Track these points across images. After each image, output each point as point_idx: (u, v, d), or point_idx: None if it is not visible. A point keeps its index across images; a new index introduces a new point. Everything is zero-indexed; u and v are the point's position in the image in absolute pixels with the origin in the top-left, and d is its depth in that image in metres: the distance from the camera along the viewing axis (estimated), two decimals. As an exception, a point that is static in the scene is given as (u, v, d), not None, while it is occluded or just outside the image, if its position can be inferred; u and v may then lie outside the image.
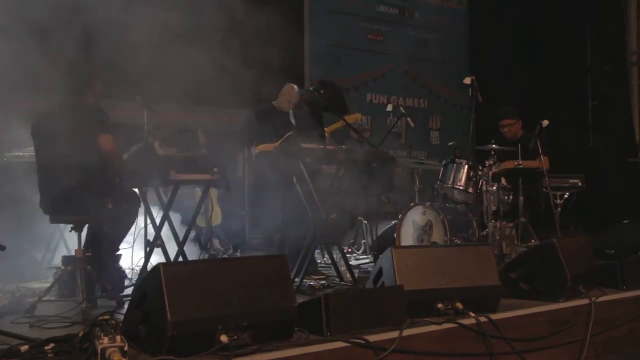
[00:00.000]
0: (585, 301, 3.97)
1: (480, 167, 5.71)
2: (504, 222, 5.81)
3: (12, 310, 3.71)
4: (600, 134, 10.47)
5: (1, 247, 3.73)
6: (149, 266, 4.45)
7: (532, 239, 6.02)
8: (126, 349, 2.51)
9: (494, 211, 5.76)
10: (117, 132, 4.30)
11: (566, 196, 6.19)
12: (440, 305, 3.49)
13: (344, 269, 5.00)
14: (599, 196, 8.54)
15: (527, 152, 5.82)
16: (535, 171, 5.96)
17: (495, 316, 3.52)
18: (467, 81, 5.36)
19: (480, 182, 5.68)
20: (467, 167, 5.87)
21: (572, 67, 10.34)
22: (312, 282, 4.78)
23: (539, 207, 6.13)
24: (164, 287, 2.65)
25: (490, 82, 6.82)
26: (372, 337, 3.00)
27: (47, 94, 4.59)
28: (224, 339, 2.72)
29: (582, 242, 4.49)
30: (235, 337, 2.76)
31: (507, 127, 6.50)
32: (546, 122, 5.77)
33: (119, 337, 2.51)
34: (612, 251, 5.70)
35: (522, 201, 5.88)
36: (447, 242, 5.67)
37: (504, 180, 6.02)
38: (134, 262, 5.15)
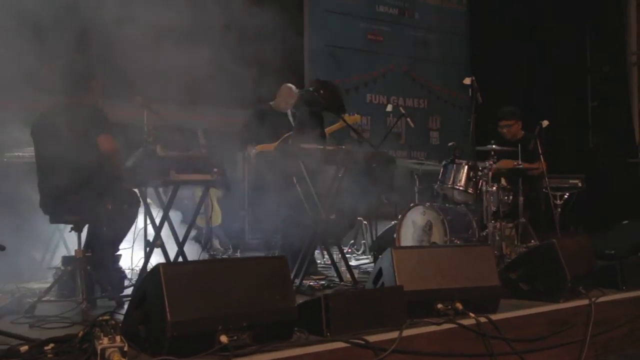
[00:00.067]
0: (585, 302, 3.97)
1: (480, 168, 5.70)
2: (503, 223, 5.80)
3: (12, 310, 3.70)
4: (600, 134, 10.48)
5: (1, 247, 3.73)
6: (149, 266, 4.44)
7: (532, 240, 6.02)
8: (126, 349, 2.51)
9: (494, 211, 5.76)
10: (117, 132, 4.30)
11: (566, 196, 6.19)
12: (440, 305, 3.49)
13: (343, 269, 5.00)
14: (598, 197, 8.56)
15: (527, 152, 5.82)
16: (533, 174, 5.97)
17: (495, 317, 3.53)
18: (467, 81, 5.36)
19: (480, 183, 5.68)
20: (467, 167, 5.87)
21: (572, 67, 10.35)
22: (311, 283, 4.78)
23: (539, 208, 6.13)
24: (163, 287, 2.65)
25: (490, 82, 6.81)
26: (372, 338, 3.01)
27: (47, 94, 4.58)
28: (223, 339, 2.72)
29: (582, 242, 4.49)
30: (235, 338, 2.76)
31: (506, 127, 6.51)
32: (546, 123, 5.77)
33: (118, 338, 2.51)
34: (612, 251, 5.70)
35: (522, 201, 5.88)
36: (447, 242, 5.67)
37: (503, 180, 6.03)
38: (133, 262, 5.14)
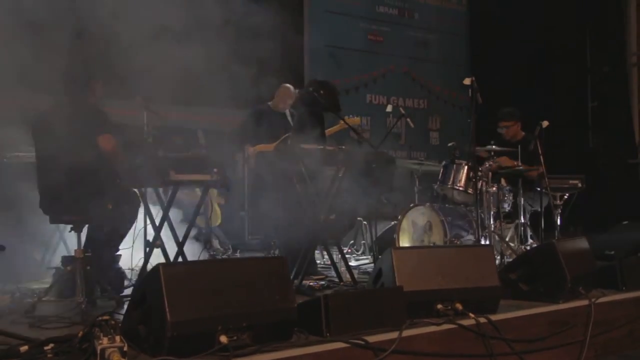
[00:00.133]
0: (585, 302, 3.97)
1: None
2: (503, 223, 5.81)
3: (12, 310, 3.70)
4: (600, 135, 10.48)
5: (1, 247, 3.73)
6: (149, 266, 4.44)
7: (532, 240, 6.03)
8: (126, 349, 2.51)
9: (494, 212, 5.76)
10: (117, 132, 4.30)
11: (566, 197, 6.19)
12: (439, 306, 3.50)
13: (343, 269, 5.00)
14: (598, 197, 8.55)
15: (527, 153, 5.82)
16: (532, 177, 5.97)
17: (494, 317, 3.53)
18: (467, 82, 5.34)
19: (480, 183, 5.68)
20: (466, 167, 5.87)
21: (572, 67, 10.35)
22: (311, 283, 4.78)
23: (539, 208, 6.13)
24: (163, 287, 2.65)
25: (490, 82, 6.81)
26: (372, 338, 3.01)
27: (47, 94, 4.58)
28: (223, 339, 2.72)
29: (582, 243, 4.49)
30: (234, 338, 2.76)
31: (505, 128, 6.51)
32: (546, 123, 5.77)
33: (118, 338, 2.52)
34: (612, 252, 5.70)
35: (522, 202, 5.88)
36: (447, 243, 5.67)
37: (503, 181, 6.03)
38: (133, 263, 5.14)
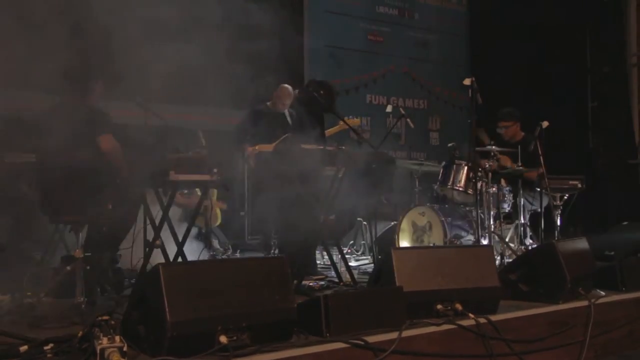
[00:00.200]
0: (584, 303, 3.98)
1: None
2: (503, 223, 5.81)
3: (12, 310, 3.70)
4: (600, 135, 10.47)
5: (1, 247, 3.73)
6: (149, 266, 4.44)
7: (532, 241, 6.03)
8: (125, 349, 2.51)
9: (494, 212, 5.76)
10: (117, 132, 4.30)
11: (566, 197, 6.19)
12: (439, 306, 3.50)
13: (343, 269, 5.00)
14: (598, 198, 8.55)
15: (527, 154, 5.82)
16: (532, 178, 5.97)
17: (494, 317, 3.53)
18: (467, 82, 5.34)
19: (479, 184, 5.68)
20: (466, 168, 5.86)
21: (572, 67, 10.34)
22: (311, 283, 4.78)
23: (539, 208, 6.13)
24: (163, 287, 2.65)
25: (490, 82, 6.81)
26: (372, 338, 3.01)
27: (47, 94, 4.58)
28: (223, 339, 2.72)
29: (582, 243, 4.49)
30: (234, 338, 2.77)
31: (504, 128, 6.51)
32: (546, 124, 5.77)
33: (118, 338, 2.52)
34: (612, 253, 5.70)
35: (522, 202, 5.88)
36: (447, 243, 5.67)
37: (503, 181, 6.03)
38: (133, 263, 5.14)
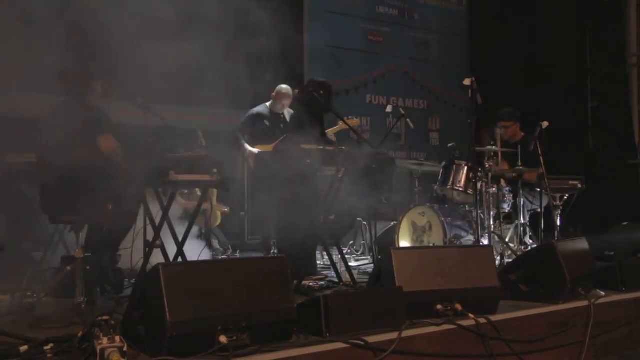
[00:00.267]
0: (584, 303, 3.98)
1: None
2: (503, 224, 5.81)
3: (12, 310, 3.70)
4: (599, 135, 10.47)
5: (1, 247, 3.73)
6: (149, 266, 4.44)
7: (532, 241, 6.03)
8: (125, 349, 2.51)
9: (494, 213, 5.76)
10: (117, 132, 4.31)
11: (566, 198, 6.19)
12: (439, 306, 3.50)
13: (343, 270, 5.00)
14: (598, 198, 8.55)
15: (526, 155, 5.82)
16: (532, 180, 5.97)
17: (494, 318, 3.53)
18: (467, 82, 5.34)
19: (479, 184, 5.68)
20: (466, 168, 5.86)
21: (572, 67, 10.34)
22: (311, 283, 4.77)
23: (539, 208, 6.13)
24: (163, 287, 2.65)
25: (490, 83, 6.81)
26: (371, 338, 3.01)
27: (48, 94, 4.59)
28: (223, 339, 2.72)
29: (582, 243, 4.49)
30: (234, 338, 2.77)
31: (504, 128, 6.51)
32: (546, 124, 5.76)
33: (118, 338, 2.52)
34: (612, 253, 5.70)
35: (522, 203, 5.88)
36: (447, 243, 5.67)
37: (503, 181, 6.03)
38: (133, 263, 5.14)
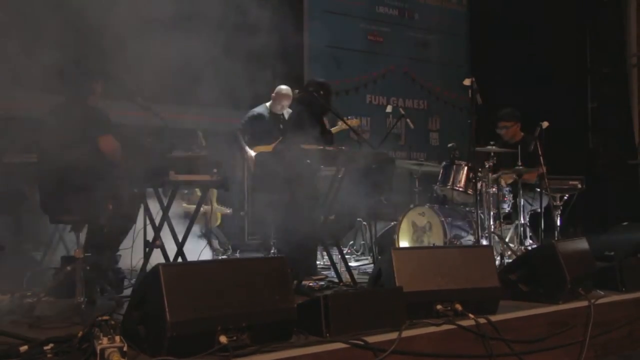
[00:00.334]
0: (584, 303, 3.98)
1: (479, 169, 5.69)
2: (503, 224, 5.80)
3: (12, 310, 3.70)
4: (599, 135, 10.47)
5: (1, 247, 3.74)
6: (149, 266, 4.44)
7: (532, 241, 6.03)
8: (125, 349, 2.51)
9: (494, 213, 5.76)
10: (117, 133, 4.30)
11: (566, 198, 6.19)
12: (439, 306, 3.50)
13: (343, 270, 5.00)
14: (598, 198, 8.55)
15: (526, 155, 5.82)
16: (531, 180, 5.97)
17: (494, 318, 3.53)
18: (467, 82, 5.34)
19: (479, 184, 5.68)
20: (466, 168, 5.86)
21: (572, 67, 10.34)
22: (311, 283, 4.77)
23: (539, 209, 6.13)
24: (163, 287, 2.65)
25: (490, 83, 6.81)
26: (371, 338, 3.01)
27: (48, 94, 4.59)
28: (223, 339, 2.72)
29: (582, 244, 4.49)
30: (234, 338, 2.77)
31: (504, 129, 6.52)
32: (546, 124, 5.77)
33: (118, 338, 2.52)
34: (612, 253, 5.70)
35: (522, 203, 5.88)
36: (447, 243, 5.67)
37: (503, 182, 6.03)
38: (133, 263, 5.14)
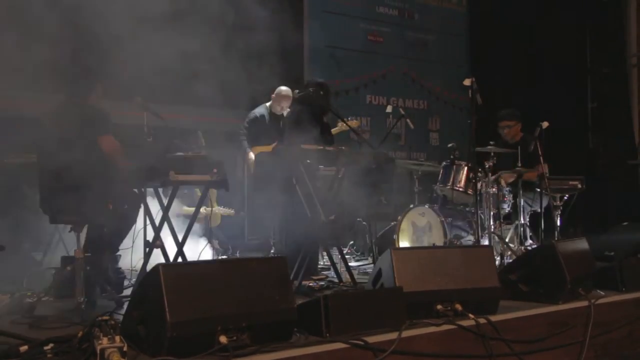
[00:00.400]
0: (584, 303, 3.98)
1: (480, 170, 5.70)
2: (503, 224, 5.80)
3: (12, 310, 3.70)
4: (599, 135, 10.48)
5: (1, 247, 3.73)
6: (149, 266, 4.44)
7: (532, 241, 6.03)
8: (125, 349, 2.51)
9: (494, 213, 5.76)
10: (118, 133, 4.31)
11: (566, 198, 6.19)
12: (439, 306, 3.50)
13: (343, 270, 5.00)
14: (598, 198, 8.55)
15: (526, 155, 5.82)
16: (531, 180, 5.97)
17: (494, 318, 3.53)
18: (467, 82, 5.33)
19: (479, 184, 5.68)
20: (466, 168, 5.86)
21: (572, 67, 10.34)
22: (311, 284, 4.78)
23: (539, 209, 6.13)
24: (163, 287, 2.65)
25: (490, 83, 6.81)
26: (371, 339, 3.01)
27: (48, 95, 4.59)
28: (223, 339, 2.72)
29: (582, 244, 4.49)
30: (234, 338, 2.77)
31: (506, 128, 6.51)
32: (546, 124, 5.76)
33: (118, 338, 2.52)
34: (612, 253, 5.70)
35: (522, 203, 5.88)
36: (447, 243, 5.67)
37: (503, 182, 6.03)
38: (133, 263, 5.14)
